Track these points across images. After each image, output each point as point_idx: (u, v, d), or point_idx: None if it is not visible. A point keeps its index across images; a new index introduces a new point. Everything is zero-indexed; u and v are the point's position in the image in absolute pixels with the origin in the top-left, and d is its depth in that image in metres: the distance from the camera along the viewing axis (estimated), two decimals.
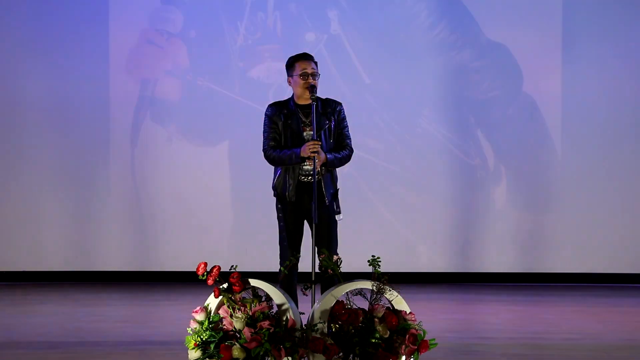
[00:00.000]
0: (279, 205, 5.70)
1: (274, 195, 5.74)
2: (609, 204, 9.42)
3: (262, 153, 5.75)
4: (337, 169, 5.75)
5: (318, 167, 5.55)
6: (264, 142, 5.73)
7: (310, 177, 5.61)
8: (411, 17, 9.48)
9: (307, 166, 5.61)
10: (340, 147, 5.72)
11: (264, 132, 5.74)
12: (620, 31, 9.39)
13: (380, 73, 9.49)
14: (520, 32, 9.42)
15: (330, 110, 5.70)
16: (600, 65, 9.38)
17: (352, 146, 5.79)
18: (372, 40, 9.49)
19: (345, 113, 5.78)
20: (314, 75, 5.61)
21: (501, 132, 9.51)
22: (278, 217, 5.71)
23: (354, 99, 9.12)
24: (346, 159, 5.73)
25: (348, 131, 5.78)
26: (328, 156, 5.59)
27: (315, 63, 5.67)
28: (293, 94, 5.72)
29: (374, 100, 9.46)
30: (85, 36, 9.57)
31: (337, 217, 5.69)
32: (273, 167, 5.78)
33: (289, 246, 5.62)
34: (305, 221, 5.71)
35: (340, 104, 5.77)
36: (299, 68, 5.62)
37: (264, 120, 5.75)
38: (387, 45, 9.48)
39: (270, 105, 5.77)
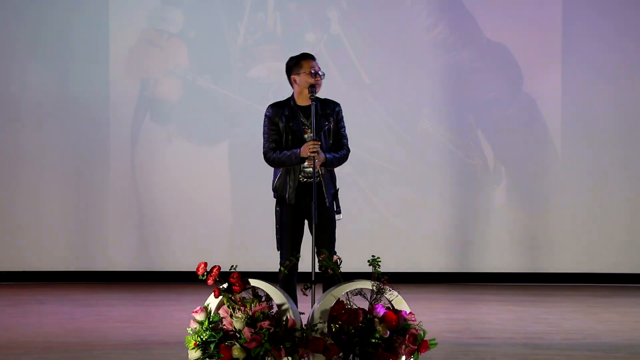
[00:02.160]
0: (278, 208, 5.69)
1: (274, 197, 5.73)
2: (608, 204, 9.42)
3: (262, 155, 5.73)
4: (336, 169, 5.75)
5: (318, 167, 5.55)
6: (264, 144, 5.71)
7: (311, 178, 5.60)
8: (411, 17, 9.48)
9: (308, 168, 5.61)
10: (337, 147, 5.71)
11: (264, 133, 5.72)
12: (620, 31, 9.39)
13: (380, 73, 9.49)
14: (520, 32, 9.42)
15: (330, 111, 5.69)
16: (600, 65, 9.38)
17: (349, 146, 5.79)
18: (372, 40, 9.49)
19: (343, 113, 5.78)
20: (320, 74, 5.62)
21: (501, 132, 9.51)
22: (276, 219, 5.69)
23: (354, 99, 9.13)
24: (344, 159, 5.73)
25: (345, 131, 5.78)
26: (327, 156, 5.59)
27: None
28: (293, 94, 5.71)
29: (374, 100, 9.46)
30: (85, 36, 9.57)
31: (337, 217, 5.69)
32: (273, 168, 5.76)
33: (289, 247, 5.61)
34: (306, 221, 5.70)
35: (338, 104, 5.76)
36: (306, 66, 5.61)
37: (264, 122, 5.73)
38: (387, 45, 9.48)
39: (270, 106, 5.74)
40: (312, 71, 5.59)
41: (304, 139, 5.60)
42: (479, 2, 9.49)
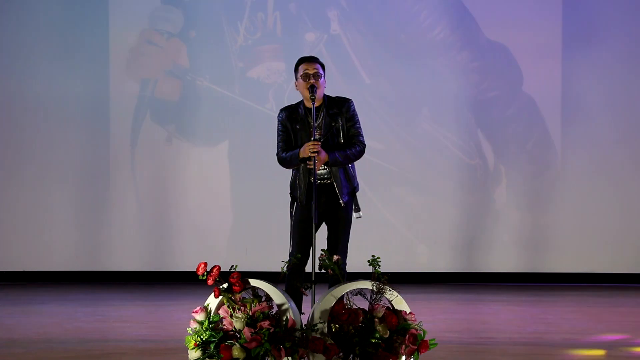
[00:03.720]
0: (291, 209, 5.68)
1: (290, 197, 5.72)
2: (608, 204, 9.42)
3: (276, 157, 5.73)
4: (355, 166, 5.72)
5: (318, 167, 5.55)
6: (276, 146, 5.72)
7: (324, 180, 5.61)
8: (411, 17, 9.48)
9: (321, 170, 5.60)
10: (349, 144, 5.68)
11: (277, 136, 5.73)
12: (620, 31, 9.39)
13: (380, 73, 9.49)
14: (520, 32, 9.42)
15: (337, 109, 5.68)
16: (600, 65, 9.38)
17: (365, 142, 5.75)
18: (372, 40, 9.49)
19: (355, 109, 5.75)
20: (316, 75, 5.59)
21: (501, 132, 9.51)
22: (290, 221, 5.67)
23: (354, 99, 9.08)
24: (354, 155, 5.66)
25: (358, 127, 5.73)
26: (330, 155, 5.56)
27: (322, 65, 5.66)
28: (302, 98, 5.71)
29: (374, 100, 9.46)
30: (85, 36, 9.57)
31: (355, 215, 5.66)
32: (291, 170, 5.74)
33: (296, 246, 5.60)
34: (324, 223, 5.67)
35: (348, 100, 5.75)
36: (301, 70, 5.62)
37: (277, 125, 5.74)
38: (387, 45, 9.48)
39: (281, 110, 5.76)
40: (304, 74, 5.58)
41: (311, 139, 5.59)
42: (479, 2, 9.49)
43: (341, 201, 5.60)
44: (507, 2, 9.48)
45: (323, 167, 5.61)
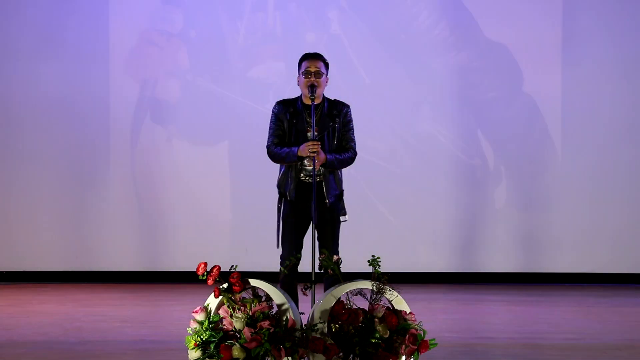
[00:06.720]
0: (279, 205, 5.70)
1: (278, 193, 5.74)
2: (608, 204, 9.42)
3: (265, 149, 5.73)
4: (342, 170, 5.75)
5: (317, 167, 5.55)
6: (267, 138, 5.72)
7: (311, 178, 5.61)
8: (411, 17, 9.48)
9: (309, 166, 5.61)
10: (342, 149, 5.70)
11: (269, 128, 5.74)
12: (620, 31, 9.39)
13: (380, 73, 9.49)
14: (520, 32, 9.42)
15: (336, 112, 5.71)
16: (600, 65, 9.38)
17: (357, 150, 5.78)
18: (372, 40, 9.49)
19: (352, 116, 5.78)
20: (318, 74, 5.60)
21: (501, 132, 9.51)
22: (277, 215, 5.70)
23: (354, 99, 9.05)
24: (347, 161, 5.71)
25: (353, 134, 5.77)
26: (328, 157, 5.58)
27: (325, 63, 5.67)
28: (301, 93, 5.73)
29: (374, 100, 9.46)
30: (85, 36, 9.57)
31: (341, 218, 5.68)
32: (279, 165, 5.76)
33: (289, 245, 5.61)
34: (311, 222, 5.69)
35: (347, 106, 5.79)
36: (303, 67, 5.65)
37: (271, 117, 5.75)
38: (387, 45, 9.48)
39: (278, 103, 5.77)
40: (306, 72, 5.60)
41: (307, 137, 5.61)
42: (479, 2, 9.49)
43: (327, 201, 5.61)
44: (507, 2, 9.48)
45: (310, 164, 5.59)
